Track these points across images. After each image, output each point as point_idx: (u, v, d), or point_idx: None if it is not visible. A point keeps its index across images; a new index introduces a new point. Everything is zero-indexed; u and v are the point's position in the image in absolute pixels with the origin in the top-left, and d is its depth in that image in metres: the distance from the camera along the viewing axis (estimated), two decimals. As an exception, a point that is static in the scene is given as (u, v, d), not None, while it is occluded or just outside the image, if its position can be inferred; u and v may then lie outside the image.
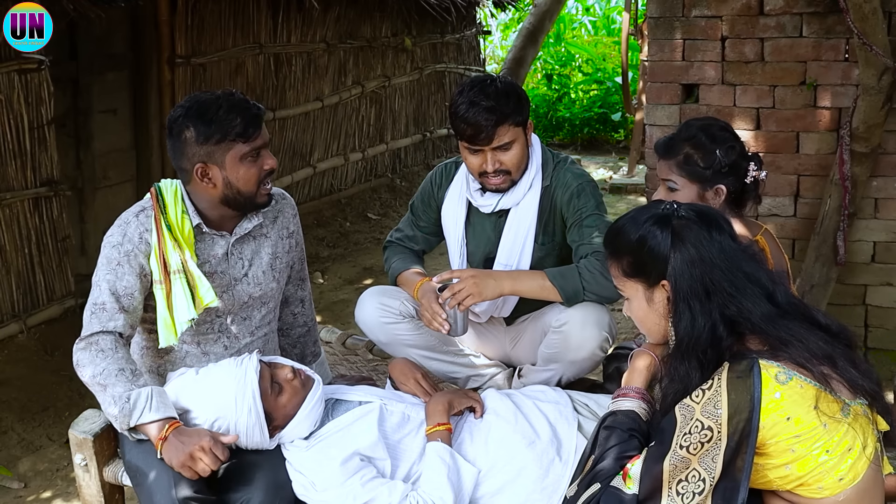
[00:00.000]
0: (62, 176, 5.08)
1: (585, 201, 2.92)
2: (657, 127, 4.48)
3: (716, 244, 1.98)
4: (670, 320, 2.04)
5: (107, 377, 2.46)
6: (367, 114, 8.58)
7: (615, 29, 13.95)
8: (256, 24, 6.82)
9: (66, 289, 5.09)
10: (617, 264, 2.12)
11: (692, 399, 1.92)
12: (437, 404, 2.63)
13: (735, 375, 1.88)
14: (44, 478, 3.87)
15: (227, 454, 2.39)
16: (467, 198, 3.07)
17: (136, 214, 2.64)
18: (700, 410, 1.89)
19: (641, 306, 2.11)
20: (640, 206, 2.17)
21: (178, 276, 2.57)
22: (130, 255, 2.58)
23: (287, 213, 2.89)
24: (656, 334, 2.14)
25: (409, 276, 3.12)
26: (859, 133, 4.02)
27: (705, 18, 4.33)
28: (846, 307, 4.42)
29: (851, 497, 1.87)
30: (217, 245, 2.70)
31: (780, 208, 4.39)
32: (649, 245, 2.03)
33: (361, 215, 8.20)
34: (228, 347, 2.75)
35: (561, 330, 2.87)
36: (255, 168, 2.61)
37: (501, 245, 3.03)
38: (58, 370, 4.55)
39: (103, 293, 2.56)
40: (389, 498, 2.37)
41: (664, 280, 2.02)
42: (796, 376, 1.86)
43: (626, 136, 11.48)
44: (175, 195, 2.65)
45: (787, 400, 1.84)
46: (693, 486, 1.86)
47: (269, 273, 2.80)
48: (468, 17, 10.30)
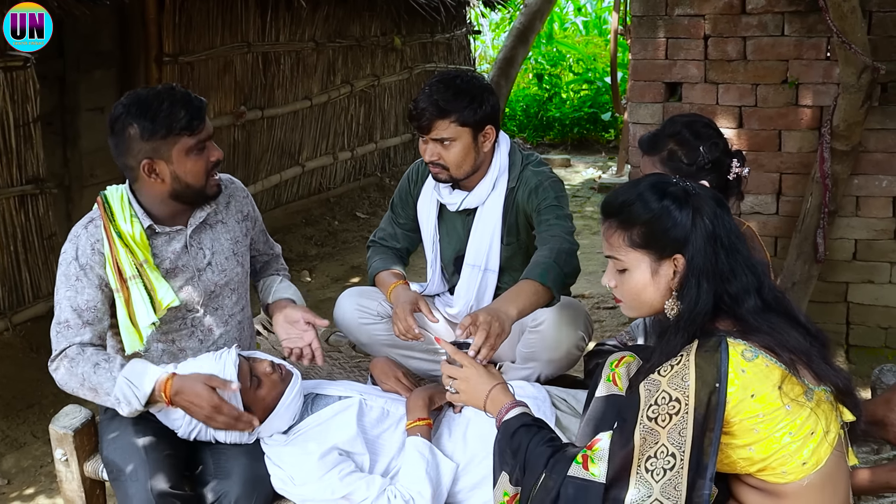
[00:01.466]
0: (49, 174, 5.08)
1: (544, 195, 2.94)
2: (640, 125, 4.51)
3: (726, 223, 1.97)
4: (674, 295, 1.99)
5: (90, 379, 2.47)
6: (357, 113, 8.59)
7: (606, 29, 13.96)
8: (245, 23, 6.82)
9: (52, 286, 5.05)
10: (623, 233, 2.01)
11: (658, 374, 1.91)
12: (418, 399, 2.65)
13: (703, 351, 1.88)
14: (27, 474, 3.87)
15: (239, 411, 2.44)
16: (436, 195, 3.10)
17: (84, 226, 2.61)
18: (667, 383, 1.88)
19: (643, 278, 2.01)
20: (643, 177, 2.10)
21: (135, 282, 2.55)
22: (86, 268, 2.56)
23: (239, 196, 2.87)
24: (647, 308, 2.06)
25: (385, 277, 3.13)
26: (840, 131, 4.05)
27: (688, 17, 4.35)
28: (828, 305, 4.45)
29: (815, 482, 1.88)
30: (174, 241, 2.67)
31: (763, 206, 4.42)
32: (671, 218, 1.96)
33: (350, 214, 8.20)
34: (204, 341, 2.74)
35: (537, 330, 2.89)
36: (202, 160, 2.59)
37: (469, 244, 3.06)
38: (43, 368, 4.48)
39: (65, 311, 2.56)
40: (367, 492, 2.38)
41: (678, 254, 1.97)
42: (762, 355, 1.87)
43: (615, 136, 11.50)
44: (122, 200, 2.61)
45: (751, 376, 1.84)
46: (662, 462, 1.84)
47: (233, 258, 2.78)
48: (458, 17, 10.31)
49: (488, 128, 2.93)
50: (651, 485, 1.86)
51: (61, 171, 5.49)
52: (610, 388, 2.23)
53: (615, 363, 2.25)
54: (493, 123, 2.95)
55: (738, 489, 1.97)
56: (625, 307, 2.12)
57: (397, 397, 2.76)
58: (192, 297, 2.69)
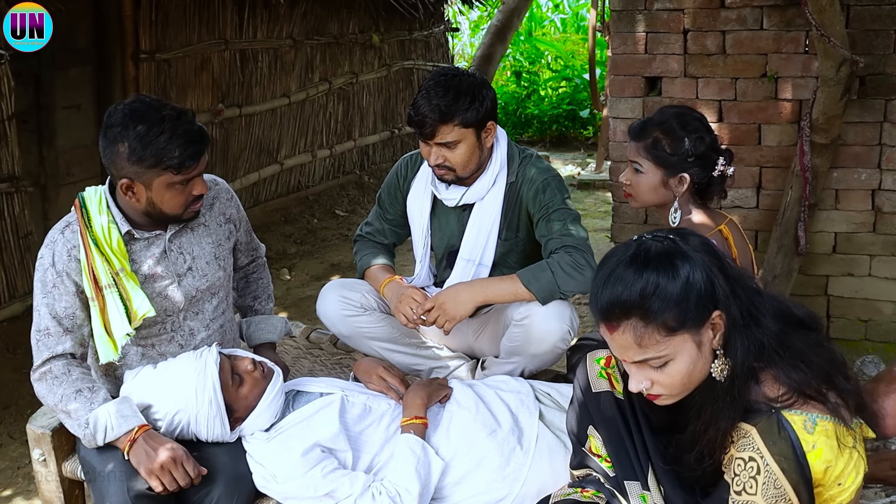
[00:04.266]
0: (24, 172, 5.02)
1: (552, 196, 2.93)
2: (620, 120, 4.51)
3: (717, 254, 1.87)
4: (717, 354, 1.85)
5: (67, 403, 2.44)
6: (335, 110, 8.56)
7: (584, 26, 13.99)
8: (222, 20, 6.77)
9: (28, 286, 5.02)
10: (654, 328, 1.79)
11: (747, 493, 1.78)
12: (416, 397, 2.63)
13: (770, 441, 1.77)
14: (4, 476, 3.82)
15: (198, 473, 2.38)
16: (432, 190, 3.07)
17: (61, 231, 2.56)
18: (762, 499, 1.77)
19: (691, 357, 1.83)
20: (614, 264, 1.84)
21: (111, 291, 2.51)
22: (62, 274, 2.51)
23: (223, 198, 2.82)
24: (695, 383, 1.87)
25: (376, 271, 3.12)
26: (819, 124, 4.06)
27: (667, 11, 4.35)
28: (808, 298, 4.47)
29: None
30: (153, 246, 2.62)
31: (743, 200, 4.43)
32: (694, 286, 1.79)
33: (329, 212, 8.17)
34: (184, 346, 2.70)
35: (522, 324, 2.88)
36: (183, 195, 2.53)
37: (465, 239, 3.04)
38: (19, 368, 4.50)
39: (44, 318, 2.52)
40: (351, 489, 2.37)
41: (716, 311, 1.82)
42: (819, 417, 1.78)
43: (594, 133, 11.52)
44: (100, 204, 2.56)
45: (820, 449, 1.77)
46: None
47: (214, 263, 2.73)
48: (436, 15, 10.30)
49: (490, 123, 2.92)
50: None
51: (37, 169, 5.42)
52: (609, 388, 2.18)
53: (603, 361, 2.21)
54: (494, 118, 2.94)
55: None
56: (667, 398, 1.90)
57: (380, 394, 2.74)
58: (171, 304, 2.64)
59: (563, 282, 2.79)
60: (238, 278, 3.04)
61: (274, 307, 3.14)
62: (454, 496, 2.48)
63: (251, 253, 3.03)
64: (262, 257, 3.10)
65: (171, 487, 2.35)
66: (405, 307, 2.91)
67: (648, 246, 1.83)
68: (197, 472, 2.37)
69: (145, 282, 2.58)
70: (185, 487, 2.37)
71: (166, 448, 2.36)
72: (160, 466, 2.33)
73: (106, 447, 2.42)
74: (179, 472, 2.34)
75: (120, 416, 2.39)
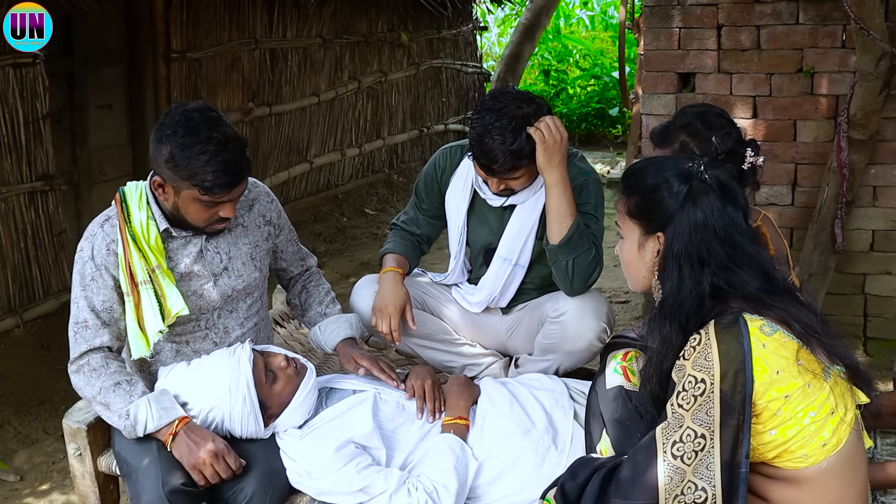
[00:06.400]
0: (58, 171, 5.07)
1: (586, 198, 2.89)
2: (653, 117, 4.47)
3: (726, 217, 1.94)
4: (655, 274, 2.03)
5: (105, 395, 2.46)
6: (364, 109, 8.56)
7: (612, 24, 13.93)
8: (252, 19, 6.80)
9: (62, 283, 5.08)
10: (625, 200, 2.08)
11: (683, 358, 1.89)
12: (460, 399, 2.62)
13: (721, 327, 1.85)
14: (39, 471, 3.86)
15: (239, 465, 2.38)
16: (473, 186, 3.05)
17: (101, 225, 2.56)
18: (691, 365, 1.86)
19: (632, 249, 2.08)
20: (670, 156, 2.14)
21: (146, 287, 2.51)
22: (101, 268, 2.52)
23: (263, 200, 2.80)
24: (636, 282, 2.13)
25: (387, 259, 3.09)
26: (857, 120, 4.00)
27: (701, 6, 4.31)
28: (845, 296, 4.41)
29: (835, 465, 1.84)
30: (190, 244, 2.62)
31: (778, 197, 4.38)
32: (661, 194, 1.99)
33: (358, 210, 8.19)
34: (219, 343, 2.70)
35: (559, 320, 2.85)
36: (208, 213, 2.51)
37: (504, 238, 3.00)
38: (54, 364, 4.54)
39: (82, 311, 2.52)
40: (386, 485, 2.35)
41: (660, 232, 2.00)
42: (780, 330, 1.85)
43: (623, 131, 11.47)
44: (140, 200, 2.56)
45: (772, 351, 1.82)
46: (692, 445, 1.83)
47: (250, 263, 2.72)
48: (465, 13, 10.28)
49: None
50: (683, 469, 1.83)
51: (70, 168, 5.47)
52: (622, 381, 2.24)
53: (620, 357, 2.27)
54: None
55: (753, 481, 1.92)
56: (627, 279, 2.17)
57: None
58: (206, 302, 2.65)
59: (579, 272, 2.80)
60: (297, 292, 3.01)
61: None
62: (488, 496, 2.45)
63: (300, 263, 3.01)
64: (315, 267, 3.08)
65: (213, 481, 2.36)
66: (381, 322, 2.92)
67: (686, 162, 2.03)
68: (238, 465, 2.38)
69: (181, 280, 2.59)
70: (227, 480, 2.37)
71: (209, 441, 2.36)
72: (203, 460, 2.34)
73: (141, 441, 2.43)
74: (221, 466, 2.35)
75: (160, 408, 2.40)
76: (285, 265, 2.96)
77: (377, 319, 2.92)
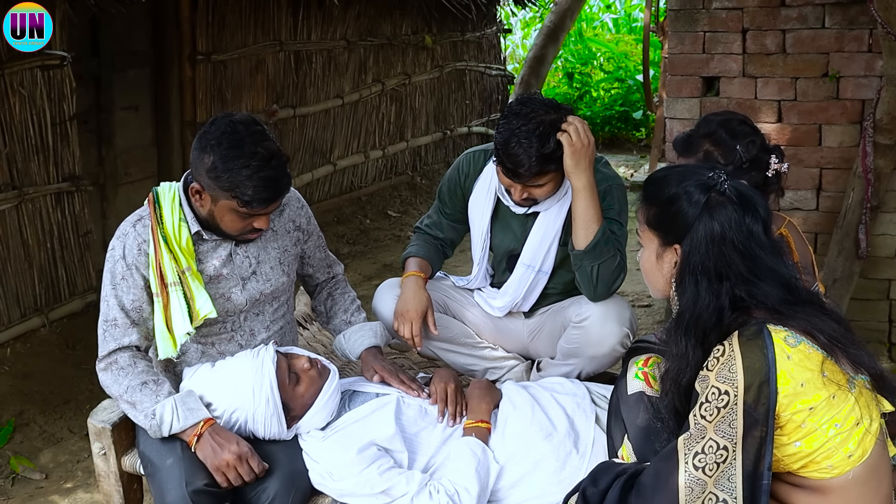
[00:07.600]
0: (84, 172, 5.11)
1: (610, 203, 2.88)
2: (677, 120, 4.45)
3: (744, 229, 1.93)
4: (673, 285, 2.02)
5: (132, 394, 2.48)
6: (388, 111, 8.58)
7: (636, 27, 13.89)
8: (277, 22, 6.83)
9: (88, 283, 5.12)
10: (644, 210, 2.09)
11: (706, 369, 1.88)
12: (482, 402, 2.62)
13: (746, 339, 1.84)
14: (65, 469, 3.89)
15: (262, 469, 2.40)
16: (497, 195, 3.04)
17: (133, 224, 2.59)
18: (715, 376, 1.85)
19: (651, 259, 2.09)
20: (692, 165, 2.16)
21: (175, 289, 2.53)
22: (132, 267, 2.55)
23: (293, 205, 2.82)
24: (657, 290, 2.14)
25: (409, 263, 3.10)
26: (883, 125, 3.97)
27: (726, 10, 4.29)
28: (870, 302, 4.37)
29: (861, 475, 1.83)
30: (220, 248, 2.64)
31: (803, 202, 4.35)
32: (678, 205, 1.99)
33: (382, 213, 8.20)
34: (245, 346, 2.72)
35: (581, 325, 2.85)
36: (242, 223, 2.53)
37: (527, 245, 3.00)
38: (79, 364, 4.59)
39: (112, 309, 2.55)
40: (407, 487, 2.36)
41: (678, 244, 2.00)
42: (804, 341, 1.84)
43: (647, 135, 11.42)
44: (173, 201, 2.58)
45: (797, 364, 1.81)
46: (714, 457, 1.82)
47: (278, 268, 2.74)
48: (489, 15, 10.28)
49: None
50: (704, 480, 1.82)
51: (96, 169, 5.52)
52: (643, 387, 2.23)
53: (641, 362, 2.26)
54: None
55: (778, 489, 1.92)
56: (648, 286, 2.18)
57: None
58: (233, 305, 2.67)
59: (603, 278, 2.80)
60: (322, 299, 3.03)
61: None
62: (509, 499, 2.46)
63: (327, 270, 3.03)
64: (342, 275, 3.10)
65: (235, 483, 2.38)
66: (403, 327, 2.94)
67: (707, 173, 2.01)
68: (261, 468, 2.40)
69: (209, 282, 2.61)
70: (249, 483, 2.39)
71: (233, 444, 2.38)
72: (226, 463, 2.36)
73: (165, 441, 2.45)
74: (244, 469, 2.37)
75: (186, 408, 2.42)
76: (312, 271, 2.98)
77: (399, 324, 2.93)
